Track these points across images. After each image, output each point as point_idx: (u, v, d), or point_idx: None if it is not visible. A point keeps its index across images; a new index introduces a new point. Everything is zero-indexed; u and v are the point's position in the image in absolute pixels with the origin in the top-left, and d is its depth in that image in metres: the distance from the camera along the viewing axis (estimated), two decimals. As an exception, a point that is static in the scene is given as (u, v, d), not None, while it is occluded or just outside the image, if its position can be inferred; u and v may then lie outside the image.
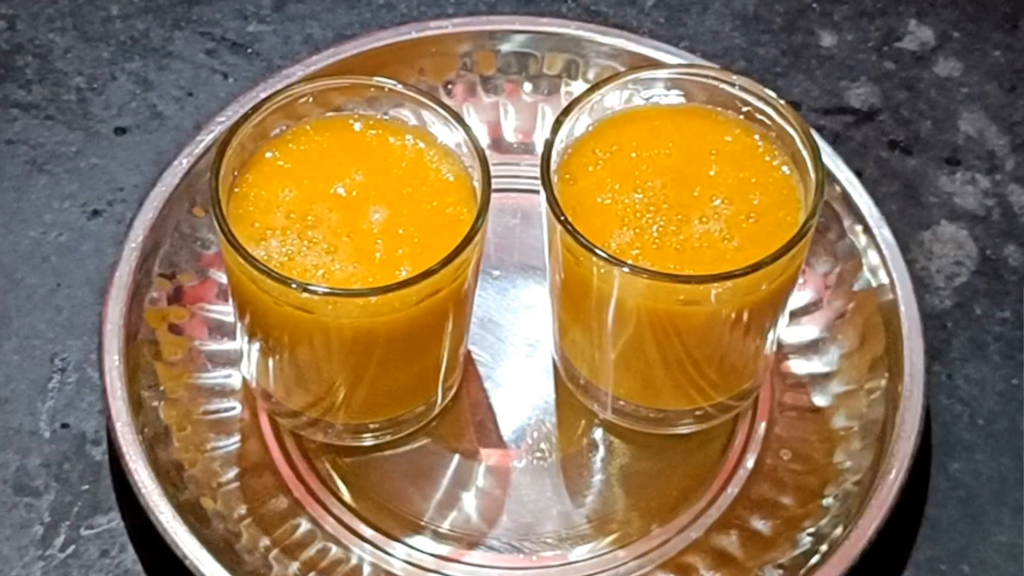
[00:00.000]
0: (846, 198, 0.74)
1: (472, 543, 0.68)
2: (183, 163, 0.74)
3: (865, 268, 0.73)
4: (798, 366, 0.73)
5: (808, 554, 0.67)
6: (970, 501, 0.70)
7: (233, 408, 0.71)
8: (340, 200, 0.64)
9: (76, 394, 0.72)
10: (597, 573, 0.68)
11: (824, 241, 0.74)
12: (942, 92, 0.83)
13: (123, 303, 0.70)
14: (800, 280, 0.71)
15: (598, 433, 0.71)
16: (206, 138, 0.75)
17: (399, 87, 0.66)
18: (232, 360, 0.72)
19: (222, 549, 0.65)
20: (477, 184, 0.64)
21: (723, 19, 0.86)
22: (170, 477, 0.67)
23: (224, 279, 0.71)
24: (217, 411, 0.71)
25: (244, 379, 0.71)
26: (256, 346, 0.67)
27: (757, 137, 0.67)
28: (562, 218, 0.63)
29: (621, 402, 0.70)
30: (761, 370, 0.70)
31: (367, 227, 0.63)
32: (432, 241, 0.63)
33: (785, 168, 0.66)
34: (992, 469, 0.71)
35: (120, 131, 0.81)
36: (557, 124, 0.65)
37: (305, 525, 0.68)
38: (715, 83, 0.67)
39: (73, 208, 0.78)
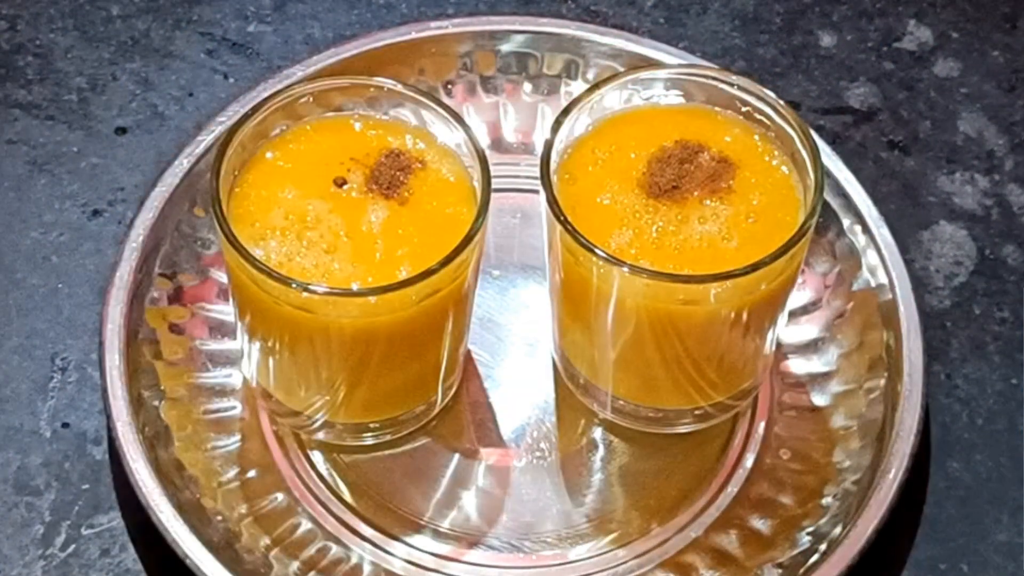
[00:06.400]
0: (845, 198, 0.74)
1: (472, 542, 0.68)
2: (183, 163, 0.74)
3: (864, 268, 0.73)
4: (797, 366, 0.73)
5: (807, 553, 0.67)
6: (969, 500, 0.70)
7: (233, 408, 0.71)
8: (340, 200, 0.64)
9: (77, 394, 0.72)
10: (597, 572, 0.68)
11: (823, 241, 0.74)
12: (941, 92, 0.84)
13: (123, 303, 0.71)
14: (799, 280, 0.71)
15: (598, 432, 0.72)
16: (206, 138, 0.75)
17: (399, 87, 0.66)
18: (232, 360, 0.72)
19: (222, 548, 0.66)
20: (477, 184, 0.64)
21: (723, 19, 0.86)
22: (170, 476, 0.67)
23: (224, 279, 0.71)
24: (217, 411, 0.71)
25: (244, 379, 0.71)
26: (256, 346, 0.67)
27: (756, 137, 0.67)
28: (562, 218, 0.63)
29: (621, 401, 0.70)
30: (760, 370, 0.70)
31: (367, 227, 0.64)
32: (432, 241, 0.63)
33: (784, 168, 0.66)
34: (991, 468, 0.71)
35: (120, 131, 0.81)
36: (557, 124, 0.65)
37: (305, 524, 0.68)
38: (715, 83, 0.67)
39: (74, 208, 0.78)
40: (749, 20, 0.86)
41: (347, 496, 0.69)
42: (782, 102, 0.66)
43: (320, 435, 0.70)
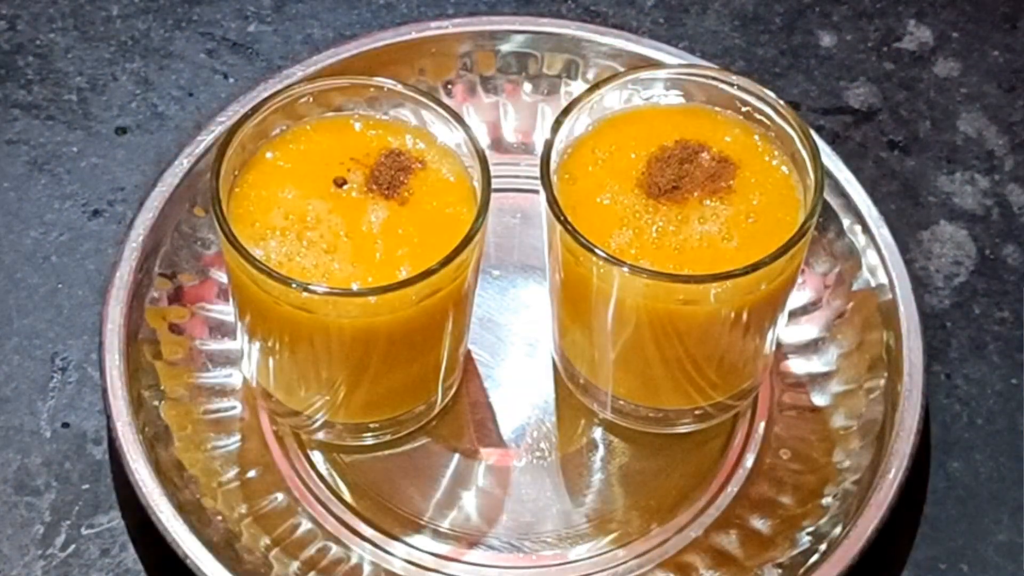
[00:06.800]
0: (845, 198, 0.74)
1: (472, 542, 0.68)
2: (183, 163, 0.74)
3: (864, 268, 0.73)
4: (797, 366, 0.73)
5: (807, 553, 0.67)
6: (969, 500, 0.70)
7: (233, 408, 0.71)
8: (340, 200, 0.64)
9: (77, 393, 0.72)
10: (596, 572, 0.68)
11: (823, 241, 0.74)
12: (941, 92, 0.84)
13: (123, 303, 0.71)
14: (799, 280, 0.71)
15: (598, 432, 0.72)
16: (206, 138, 0.75)
17: (399, 87, 0.66)
18: (232, 360, 0.72)
19: (222, 548, 0.66)
20: (477, 184, 0.64)
21: (722, 19, 0.86)
22: (170, 476, 0.67)
23: (224, 279, 0.71)
24: (217, 411, 0.71)
25: (244, 379, 0.71)
26: (256, 346, 0.67)
27: (756, 137, 0.67)
28: (562, 218, 0.63)
29: (621, 401, 0.70)
30: (760, 370, 0.70)
31: (367, 227, 0.64)
32: (432, 241, 0.63)
33: (784, 168, 0.66)
34: (991, 468, 0.71)
35: (121, 131, 0.81)
36: (557, 124, 0.65)
37: (305, 524, 0.68)
38: (714, 83, 0.67)
39: (74, 208, 0.78)
40: (749, 20, 0.86)
41: (347, 496, 0.69)
42: (782, 102, 0.66)
43: (320, 435, 0.70)
